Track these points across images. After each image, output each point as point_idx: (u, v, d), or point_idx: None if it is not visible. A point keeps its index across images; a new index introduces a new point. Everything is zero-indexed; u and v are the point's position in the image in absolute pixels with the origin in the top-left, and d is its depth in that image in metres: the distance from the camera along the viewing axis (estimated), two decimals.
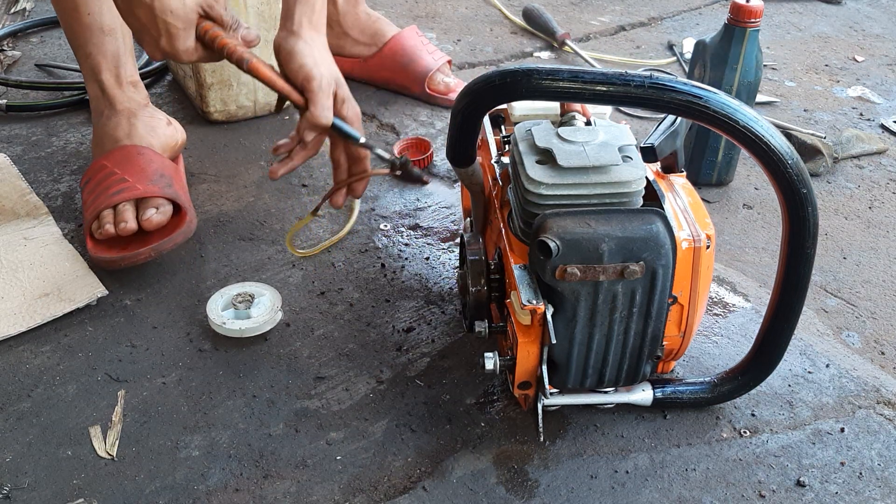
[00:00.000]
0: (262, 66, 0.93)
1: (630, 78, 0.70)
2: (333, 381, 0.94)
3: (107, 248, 1.06)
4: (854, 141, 1.41)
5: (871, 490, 0.84)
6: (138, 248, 1.04)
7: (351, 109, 1.00)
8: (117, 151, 1.11)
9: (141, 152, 1.12)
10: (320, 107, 0.94)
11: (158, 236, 1.06)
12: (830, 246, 1.19)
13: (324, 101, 0.94)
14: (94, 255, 1.06)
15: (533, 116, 0.91)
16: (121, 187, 1.07)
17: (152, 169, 1.10)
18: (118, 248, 1.05)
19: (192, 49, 0.93)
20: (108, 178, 1.09)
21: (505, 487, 0.83)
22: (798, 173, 0.72)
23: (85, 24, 1.13)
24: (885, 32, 1.88)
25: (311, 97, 0.94)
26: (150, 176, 1.09)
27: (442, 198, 1.25)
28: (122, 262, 1.04)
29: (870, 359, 1.00)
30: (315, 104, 0.94)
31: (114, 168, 1.09)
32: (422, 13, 1.88)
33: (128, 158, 1.11)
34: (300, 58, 0.95)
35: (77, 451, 0.85)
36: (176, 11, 0.89)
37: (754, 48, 1.18)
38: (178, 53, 0.92)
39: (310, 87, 0.94)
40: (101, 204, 1.06)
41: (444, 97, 1.48)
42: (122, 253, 1.04)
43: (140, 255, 1.04)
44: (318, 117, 0.94)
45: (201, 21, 0.92)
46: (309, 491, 0.82)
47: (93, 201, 1.08)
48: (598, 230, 0.74)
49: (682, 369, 0.96)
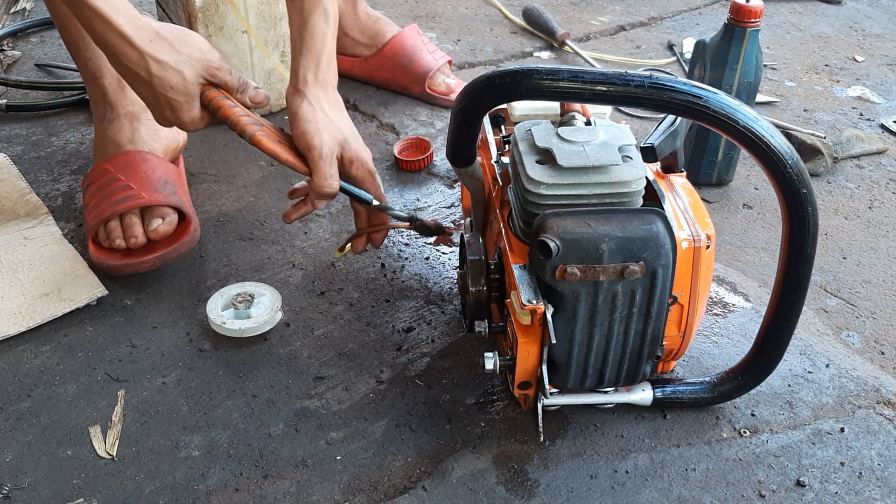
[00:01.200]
0: (264, 139, 0.92)
1: (630, 78, 0.70)
2: (333, 381, 0.94)
3: (110, 254, 1.06)
4: (854, 141, 1.41)
5: (871, 490, 0.84)
6: (142, 257, 1.05)
7: (361, 168, 0.98)
8: (121, 156, 1.11)
9: (145, 158, 1.11)
10: (322, 176, 0.93)
11: (163, 245, 1.07)
12: (830, 246, 1.19)
13: (325, 171, 0.93)
14: (96, 261, 1.06)
15: (533, 116, 0.91)
16: (125, 195, 1.07)
17: (156, 176, 1.10)
18: (121, 254, 1.06)
19: (199, 118, 0.92)
20: (112, 183, 1.08)
21: (505, 487, 0.83)
22: (798, 173, 0.72)
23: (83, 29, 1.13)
24: (885, 32, 1.88)
25: (314, 167, 0.93)
26: (154, 183, 1.09)
27: (442, 198, 1.25)
28: (125, 270, 1.05)
29: (870, 359, 1.00)
30: (317, 174, 0.93)
31: (117, 173, 1.09)
32: (422, 13, 1.88)
33: (131, 164, 1.10)
34: (303, 123, 0.94)
35: (77, 450, 0.85)
36: (177, 87, 0.89)
37: (754, 48, 1.18)
38: (183, 125, 0.92)
39: (311, 156, 0.93)
40: (105, 211, 1.06)
41: (444, 97, 1.48)
42: (127, 261, 1.05)
43: (144, 263, 1.05)
44: (320, 187, 0.94)
45: (206, 89, 0.91)
46: (309, 491, 0.82)
47: (95, 205, 1.08)
48: (598, 230, 0.74)
49: (682, 369, 0.96)
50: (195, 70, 0.89)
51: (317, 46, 0.97)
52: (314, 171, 0.93)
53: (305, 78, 0.96)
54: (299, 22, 0.97)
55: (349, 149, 0.96)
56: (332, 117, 0.96)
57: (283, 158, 0.93)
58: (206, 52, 0.90)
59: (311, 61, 0.97)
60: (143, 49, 0.86)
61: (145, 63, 0.87)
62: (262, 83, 1.39)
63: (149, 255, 1.05)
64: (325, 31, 0.97)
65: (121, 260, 1.05)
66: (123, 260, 1.05)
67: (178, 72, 0.88)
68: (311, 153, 0.93)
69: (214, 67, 0.91)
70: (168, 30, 0.89)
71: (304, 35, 0.97)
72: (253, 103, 0.94)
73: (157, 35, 0.87)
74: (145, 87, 0.89)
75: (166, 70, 0.87)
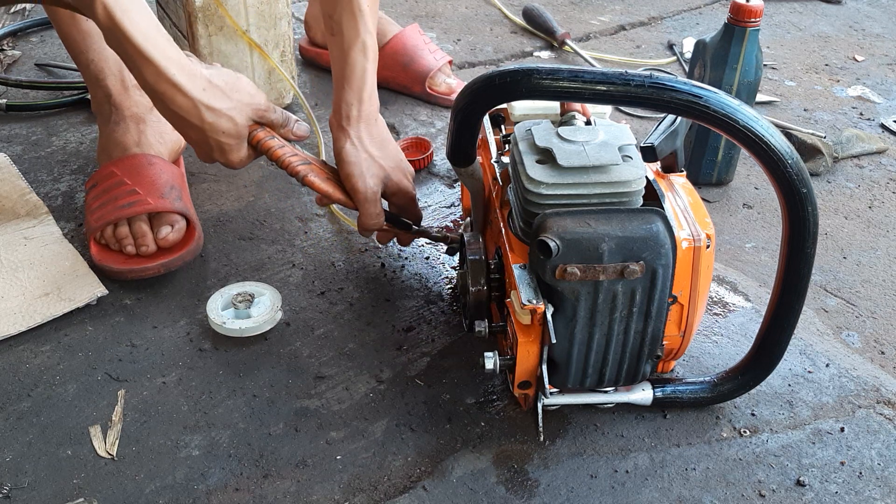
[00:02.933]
0: (316, 181, 0.97)
1: (630, 77, 0.70)
2: (333, 381, 0.94)
3: (114, 257, 1.06)
4: (854, 140, 1.41)
5: (870, 490, 0.84)
6: (146, 263, 1.05)
7: (403, 198, 1.04)
8: (127, 160, 1.11)
9: (151, 162, 1.12)
10: (367, 216, 1.00)
11: (168, 252, 1.07)
12: (830, 246, 1.19)
13: (370, 211, 0.99)
14: (99, 263, 1.06)
15: (533, 116, 0.91)
16: (131, 200, 1.07)
17: (163, 181, 1.10)
18: (124, 258, 1.06)
19: (246, 157, 0.95)
20: (118, 187, 1.09)
21: (505, 487, 0.83)
22: (798, 173, 0.72)
23: (84, 31, 1.12)
24: (885, 32, 1.88)
25: (360, 208, 1.00)
26: (160, 189, 1.09)
27: (442, 198, 1.25)
28: (128, 275, 1.05)
29: (870, 358, 1.00)
30: (363, 215, 1.00)
31: (123, 177, 1.09)
32: (422, 13, 1.88)
33: (138, 169, 1.10)
34: (347, 166, 1.00)
35: (77, 450, 0.85)
36: (228, 131, 0.91)
37: (754, 48, 1.18)
38: (232, 164, 0.94)
39: (357, 198, 0.99)
40: (110, 215, 1.06)
41: (445, 97, 1.48)
42: (131, 266, 1.05)
43: (148, 270, 1.05)
44: (366, 226, 1.01)
45: (253, 129, 0.94)
46: (309, 490, 0.82)
47: (99, 208, 1.08)
48: (598, 230, 0.74)
49: (682, 369, 0.96)
50: (245, 114, 0.92)
51: (357, 82, 1.01)
52: (361, 213, 1.00)
53: (349, 115, 1.01)
54: (340, 57, 1.01)
55: (391, 183, 1.02)
56: (375, 155, 1.01)
57: (335, 199, 1.00)
58: (255, 94, 0.93)
59: (353, 97, 1.01)
60: (196, 98, 0.87)
61: (198, 112, 0.88)
62: (263, 83, 1.39)
63: (153, 261, 1.05)
64: (366, 66, 1.01)
65: (124, 265, 1.05)
66: (127, 265, 1.05)
67: (230, 118, 0.90)
68: (356, 196, 0.99)
69: (262, 110, 0.93)
70: (218, 77, 0.90)
71: (346, 70, 1.01)
72: (296, 137, 0.98)
73: (210, 83, 0.89)
74: (195, 132, 0.90)
75: (219, 117, 0.89)
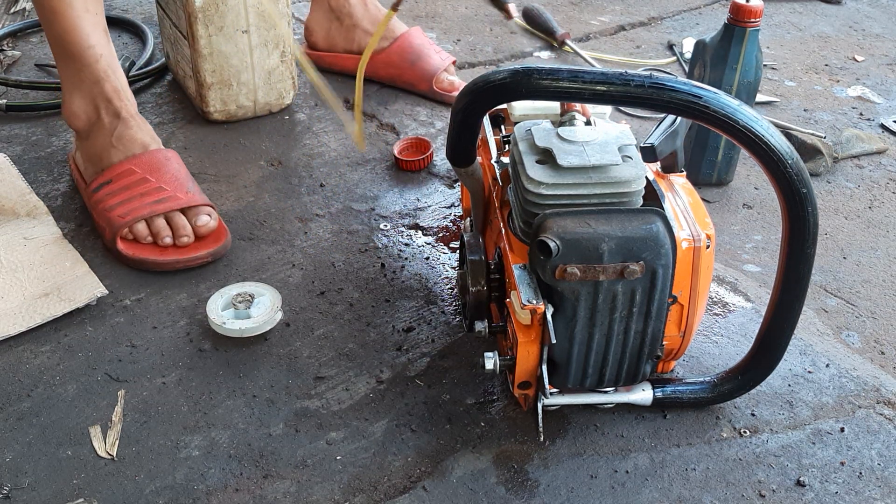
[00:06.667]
0: None
1: (630, 78, 0.70)
2: (333, 381, 0.94)
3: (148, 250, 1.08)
4: (854, 141, 1.41)
5: (871, 490, 0.84)
6: (193, 252, 1.08)
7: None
8: (146, 156, 1.13)
9: (168, 157, 1.14)
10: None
11: (208, 241, 1.10)
12: (830, 246, 1.19)
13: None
14: (135, 256, 1.07)
15: (533, 116, 0.91)
16: (161, 196, 1.09)
17: (183, 175, 1.13)
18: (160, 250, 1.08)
19: None
20: (141, 184, 1.10)
21: (505, 487, 0.83)
22: (798, 173, 0.72)
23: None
24: (885, 32, 1.88)
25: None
26: (184, 184, 1.12)
27: (442, 198, 1.25)
28: (176, 265, 1.07)
29: (870, 359, 1.00)
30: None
31: (145, 174, 1.11)
32: (422, 13, 1.88)
33: (157, 165, 1.12)
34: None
35: (77, 450, 0.85)
36: None
37: (754, 48, 1.18)
38: None
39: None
40: (142, 211, 1.08)
41: (450, 95, 1.49)
42: (177, 256, 1.07)
43: (198, 258, 1.08)
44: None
45: None
46: (309, 491, 0.82)
47: (120, 205, 1.09)
48: (598, 230, 0.74)
49: (682, 369, 0.96)
50: None
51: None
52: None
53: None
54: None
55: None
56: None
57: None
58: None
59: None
60: None
61: None
62: (263, 83, 1.39)
63: (198, 251, 1.08)
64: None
65: (172, 255, 1.07)
66: (175, 255, 1.07)
67: None
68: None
69: None
70: None
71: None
72: None
73: None
74: None
75: None
